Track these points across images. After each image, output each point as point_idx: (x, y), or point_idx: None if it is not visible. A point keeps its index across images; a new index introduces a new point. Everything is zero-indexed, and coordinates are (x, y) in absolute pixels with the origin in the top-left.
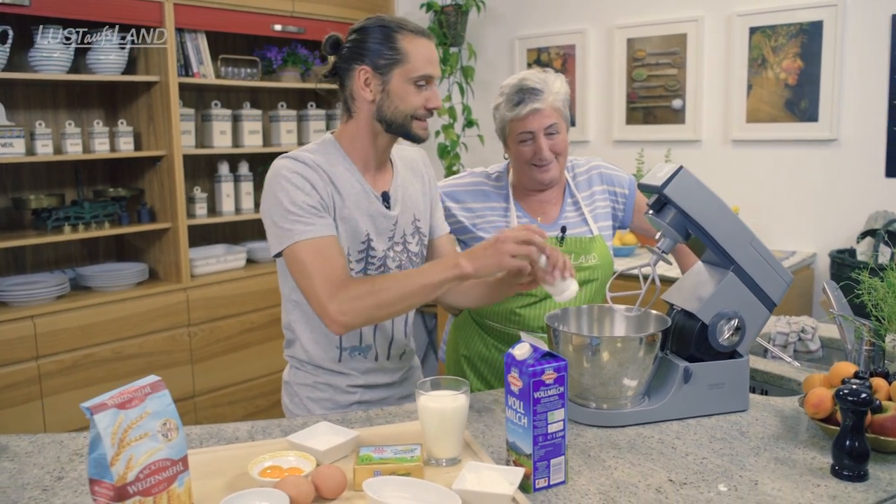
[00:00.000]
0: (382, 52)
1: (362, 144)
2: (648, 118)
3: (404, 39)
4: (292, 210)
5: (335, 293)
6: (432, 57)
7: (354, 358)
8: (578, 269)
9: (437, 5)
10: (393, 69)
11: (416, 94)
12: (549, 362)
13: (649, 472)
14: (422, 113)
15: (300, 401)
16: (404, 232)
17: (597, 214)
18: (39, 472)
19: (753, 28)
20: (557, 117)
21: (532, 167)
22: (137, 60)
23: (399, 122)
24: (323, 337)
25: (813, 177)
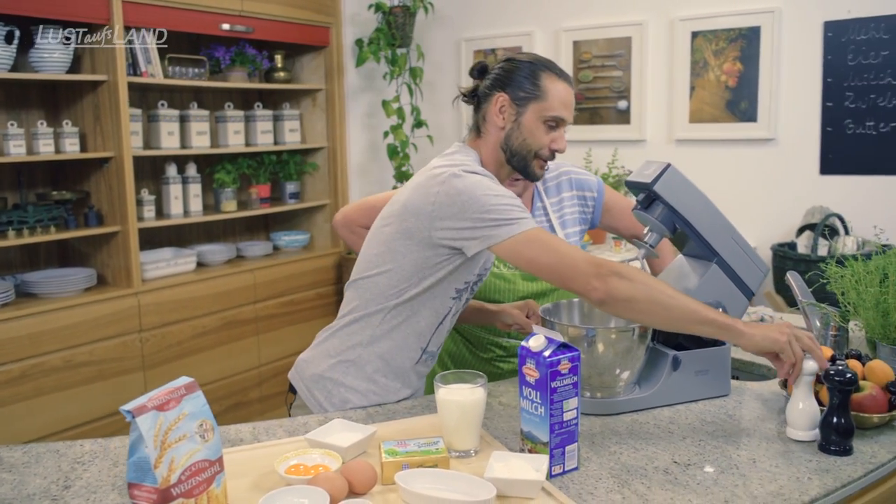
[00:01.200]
0: (525, 86)
1: (493, 168)
2: (595, 118)
3: (548, 79)
4: (515, 203)
5: (600, 268)
6: (569, 102)
7: (427, 363)
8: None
9: (385, 6)
10: (529, 103)
11: (544, 132)
12: (564, 353)
13: (653, 456)
14: (545, 153)
15: (336, 400)
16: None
17: (564, 221)
18: (42, 481)
19: (695, 32)
20: None
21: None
22: (83, 59)
23: (522, 154)
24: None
25: (753, 174)
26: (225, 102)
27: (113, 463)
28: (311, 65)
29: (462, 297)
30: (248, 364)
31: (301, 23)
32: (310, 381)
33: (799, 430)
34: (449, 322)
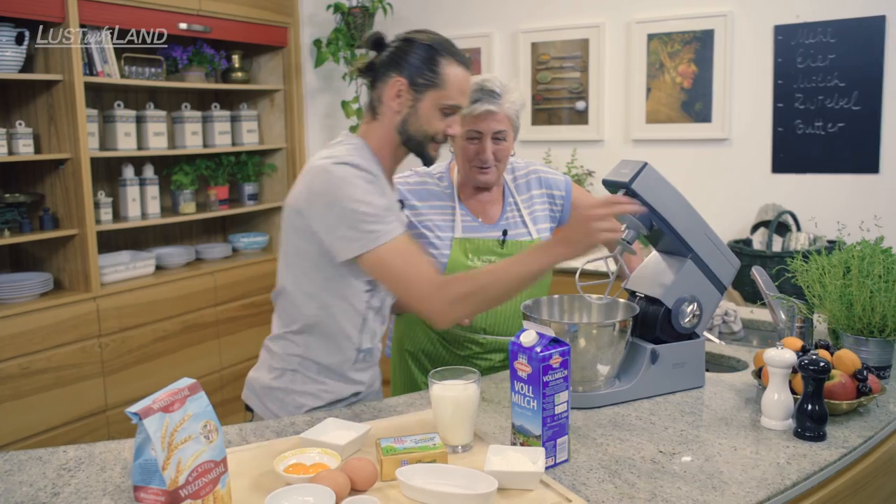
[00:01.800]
0: (423, 72)
1: (387, 153)
2: (553, 119)
3: (448, 65)
4: (371, 212)
5: (436, 293)
6: (466, 88)
7: (366, 359)
8: None
9: (344, 7)
10: (428, 91)
11: (440, 119)
12: (555, 347)
13: (639, 446)
14: (440, 138)
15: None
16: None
17: (535, 217)
18: (29, 489)
19: (651, 35)
20: (508, 125)
21: (472, 167)
22: (36, 58)
23: (418, 140)
24: (338, 344)
25: (708, 173)
26: (182, 103)
27: (100, 468)
28: (268, 65)
29: (378, 289)
30: (209, 367)
31: (259, 23)
32: (262, 395)
33: (774, 420)
34: (376, 318)
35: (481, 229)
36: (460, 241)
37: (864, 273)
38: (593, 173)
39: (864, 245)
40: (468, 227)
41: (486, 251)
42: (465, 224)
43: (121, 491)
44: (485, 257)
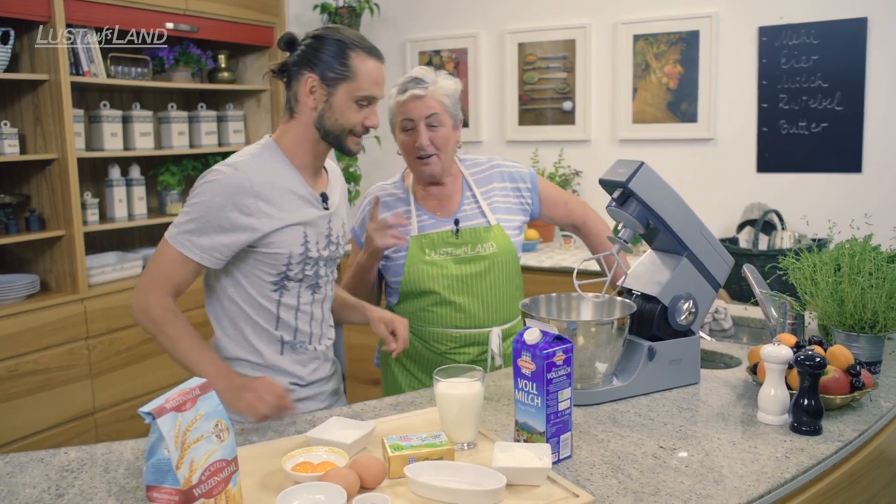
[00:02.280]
0: (333, 66)
1: (304, 148)
2: (540, 119)
3: (357, 58)
4: (191, 224)
5: (150, 295)
6: (379, 79)
7: (295, 351)
8: (475, 259)
9: (331, 7)
10: (339, 84)
11: (356, 111)
12: (559, 345)
13: (639, 442)
14: (359, 130)
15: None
16: (338, 232)
17: (495, 207)
18: (33, 491)
19: (637, 36)
20: (441, 110)
21: (414, 160)
22: (21, 58)
23: (336, 133)
24: (264, 332)
25: (694, 173)
26: (168, 103)
27: (103, 469)
28: (255, 65)
29: (288, 288)
30: None
31: (245, 23)
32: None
33: (770, 415)
34: (292, 314)
35: (438, 224)
36: (416, 238)
37: (855, 270)
38: (581, 173)
39: (854, 243)
40: (424, 225)
41: (441, 244)
42: (421, 222)
43: (126, 492)
44: (441, 249)
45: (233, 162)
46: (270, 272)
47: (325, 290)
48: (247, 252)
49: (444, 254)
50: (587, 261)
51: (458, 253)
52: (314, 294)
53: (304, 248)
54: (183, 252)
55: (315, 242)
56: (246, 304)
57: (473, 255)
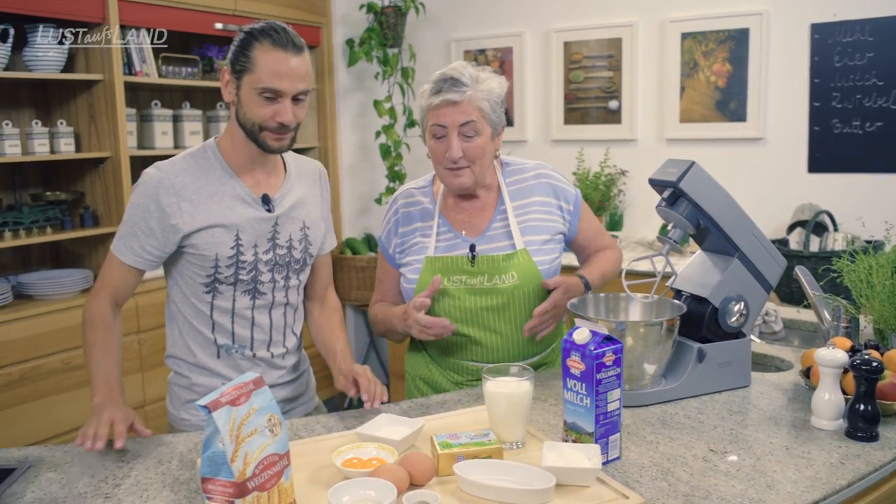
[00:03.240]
0: (238, 58)
1: (237, 147)
2: (586, 118)
3: (260, 49)
4: (124, 228)
5: (92, 298)
6: (284, 71)
7: (231, 356)
8: (491, 291)
9: (377, 6)
10: (243, 76)
11: (262, 105)
12: (608, 345)
13: (690, 444)
14: (272, 125)
15: (181, 405)
16: (290, 237)
17: (527, 227)
18: (91, 480)
19: (685, 34)
20: (478, 117)
21: (444, 169)
22: (76, 58)
23: (249, 128)
24: (199, 334)
25: (743, 173)
26: (217, 102)
27: (157, 461)
28: None
29: (220, 290)
30: None
31: (292, 22)
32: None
33: (825, 420)
34: (227, 318)
35: (457, 246)
36: (431, 260)
37: None
38: (626, 173)
39: None
40: (443, 245)
41: (455, 270)
42: (441, 241)
43: (179, 483)
44: (455, 277)
45: (160, 164)
46: (200, 273)
47: (271, 296)
48: (179, 252)
49: (457, 282)
50: (636, 261)
51: (473, 283)
52: (254, 299)
53: (235, 251)
54: (118, 257)
55: (251, 246)
56: (182, 304)
57: (490, 286)
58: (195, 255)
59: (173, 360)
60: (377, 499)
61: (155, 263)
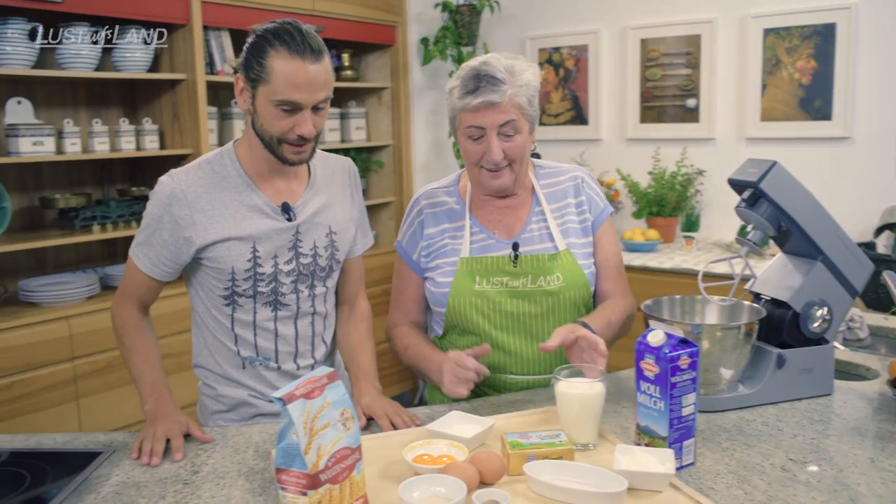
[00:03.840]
0: (252, 65)
1: (255, 155)
2: (663, 117)
3: (275, 56)
4: (141, 236)
5: (117, 304)
6: (301, 82)
7: (255, 368)
8: (536, 294)
9: (452, 5)
10: (258, 86)
11: (280, 117)
12: (684, 348)
13: (767, 453)
14: (291, 138)
15: (208, 415)
16: (315, 244)
17: (567, 229)
18: (171, 466)
19: (767, 29)
20: (518, 115)
21: (481, 170)
22: (161, 58)
23: (267, 140)
24: (223, 346)
25: (827, 173)
26: None
27: (234, 450)
28: (376, 63)
29: (240, 303)
30: None
31: (369, 22)
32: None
33: None
34: (249, 331)
35: (494, 246)
36: (466, 260)
37: None
38: (704, 172)
39: None
40: (478, 246)
41: (495, 271)
42: (475, 242)
43: (254, 473)
44: (495, 278)
45: (174, 171)
46: (218, 286)
47: (295, 307)
48: (196, 263)
49: (497, 284)
50: (714, 263)
51: (516, 285)
52: (276, 311)
53: (253, 264)
54: (137, 264)
55: (271, 257)
56: (204, 315)
57: (534, 288)
58: (211, 267)
59: (200, 370)
60: (447, 496)
61: (171, 274)
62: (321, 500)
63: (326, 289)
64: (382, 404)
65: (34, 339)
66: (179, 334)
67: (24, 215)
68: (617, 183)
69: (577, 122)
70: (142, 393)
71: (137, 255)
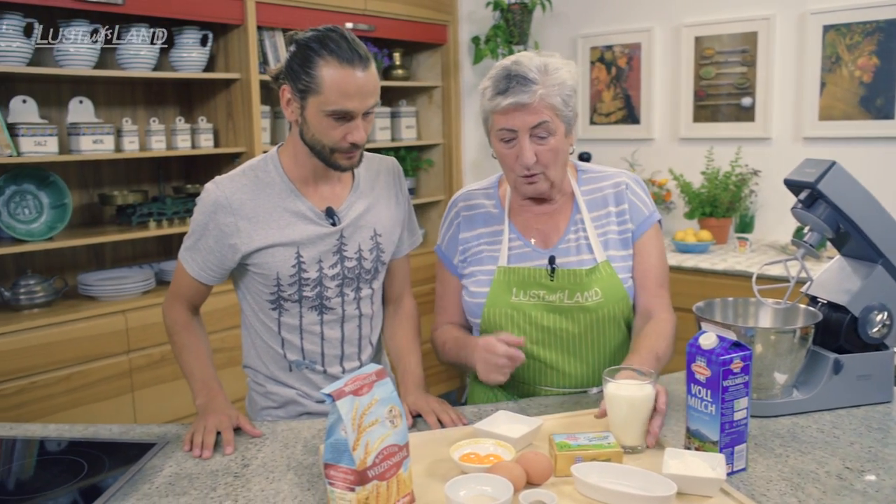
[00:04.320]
0: (300, 76)
1: (301, 162)
2: (717, 116)
3: (324, 66)
4: (189, 241)
5: (167, 304)
6: (352, 90)
7: (302, 371)
8: (574, 310)
9: (503, 3)
10: (308, 97)
11: (333, 127)
12: (737, 351)
13: (823, 460)
14: (343, 146)
15: (257, 411)
16: (360, 247)
17: (607, 240)
18: (223, 459)
19: (827, 26)
20: (552, 116)
21: (516, 176)
22: (217, 58)
23: (318, 149)
24: (269, 349)
25: (889, 173)
26: None
27: (283, 445)
28: (427, 62)
29: (286, 307)
30: None
31: (420, 21)
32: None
33: None
34: (296, 335)
35: (532, 255)
36: (505, 271)
37: None
38: (759, 173)
39: None
40: (515, 254)
41: (532, 283)
42: (513, 250)
43: (303, 467)
44: (532, 291)
45: (219, 178)
46: (264, 291)
47: (340, 310)
48: (243, 268)
49: (534, 297)
50: (769, 265)
51: (552, 299)
52: (322, 314)
53: (297, 269)
54: (185, 268)
55: (315, 262)
56: (252, 318)
57: (572, 304)
58: (257, 273)
59: (250, 371)
60: (494, 495)
61: (218, 278)
62: (368, 497)
63: (372, 291)
64: (429, 401)
65: (92, 332)
66: (231, 329)
67: (83, 211)
68: (669, 183)
69: (628, 122)
70: (193, 388)
71: (186, 260)
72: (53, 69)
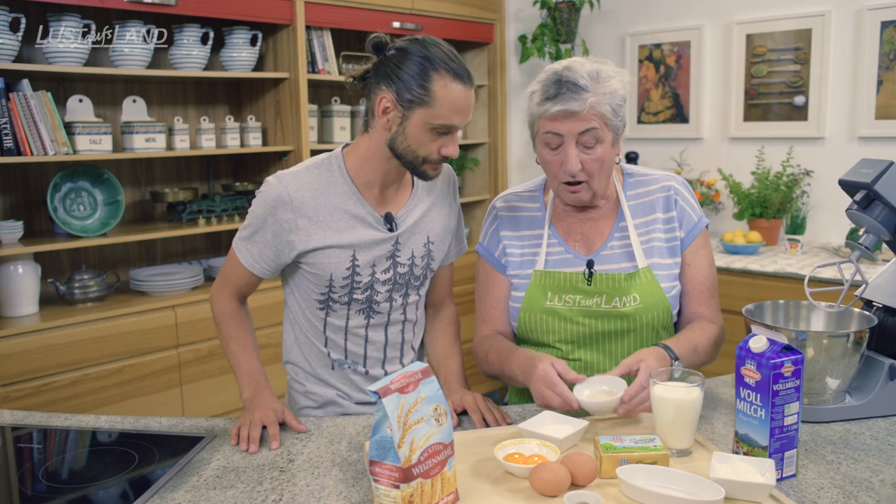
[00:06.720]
0: (412, 87)
1: (372, 166)
2: (768, 115)
3: (440, 81)
4: (245, 231)
5: (216, 293)
6: (462, 107)
7: (343, 370)
8: (610, 315)
9: (550, 2)
10: (416, 108)
11: (433, 139)
12: (788, 355)
13: (877, 469)
14: (435, 158)
15: (296, 411)
16: (412, 253)
17: (651, 248)
18: (269, 454)
19: (885, 22)
20: (600, 123)
21: (559, 183)
22: (266, 57)
23: (409, 160)
24: (313, 346)
25: None
26: None
27: (328, 441)
28: (474, 61)
29: (334, 308)
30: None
31: (467, 20)
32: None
33: None
34: (340, 335)
35: (571, 261)
36: (541, 274)
37: None
38: (811, 173)
39: None
40: (554, 259)
41: (569, 289)
42: (552, 255)
43: (348, 464)
44: (568, 296)
45: (282, 173)
46: (314, 290)
47: (387, 315)
48: (295, 265)
49: (569, 302)
50: (821, 267)
51: (589, 304)
52: (369, 318)
53: (351, 272)
54: (239, 257)
55: (369, 266)
56: (298, 315)
57: (609, 309)
58: (310, 272)
59: (291, 367)
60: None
61: (271, 272)
62: (413, 494)
63: (419, 296)
64: (475, 398)
65: (143, 327)
66: (277, 325)
67: (136, 208)
68: (718, 183)
69: (677, 121)
70: (240, 381)
71: (240, 249)
72: (109, 69)
